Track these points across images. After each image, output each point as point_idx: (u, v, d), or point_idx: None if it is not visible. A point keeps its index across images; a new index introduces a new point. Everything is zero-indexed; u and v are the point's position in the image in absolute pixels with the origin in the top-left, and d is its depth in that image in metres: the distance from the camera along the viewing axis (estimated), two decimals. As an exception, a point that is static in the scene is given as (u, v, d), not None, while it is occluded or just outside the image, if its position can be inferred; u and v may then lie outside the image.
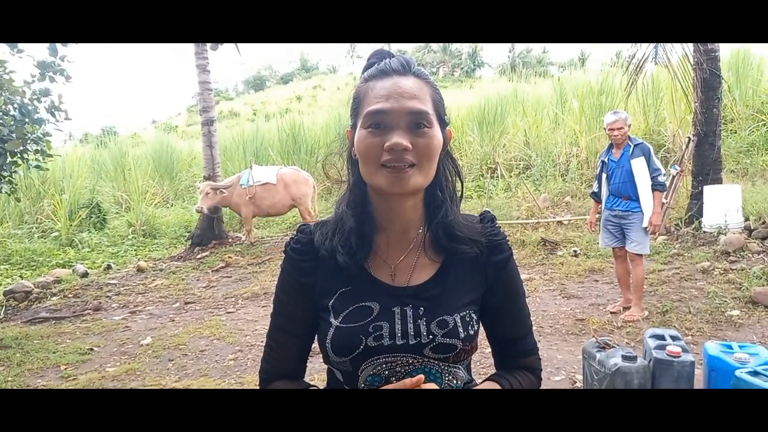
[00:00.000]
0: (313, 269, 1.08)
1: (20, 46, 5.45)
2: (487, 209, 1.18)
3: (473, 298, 1.07)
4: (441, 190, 1.06)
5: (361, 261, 1.04)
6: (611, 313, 5.02)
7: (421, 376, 0.95)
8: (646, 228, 4.70)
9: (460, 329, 1.02)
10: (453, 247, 1.05)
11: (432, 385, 0.96)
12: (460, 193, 1.12)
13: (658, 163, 4.77)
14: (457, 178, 1.11)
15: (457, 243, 1.05)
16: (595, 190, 5.18)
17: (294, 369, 1.14)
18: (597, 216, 5.28)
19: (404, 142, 0.94)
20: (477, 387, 1.10)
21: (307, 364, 1.19)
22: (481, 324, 1.12)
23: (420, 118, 0.96)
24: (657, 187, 4.70)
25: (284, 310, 1.12)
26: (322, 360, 1.10)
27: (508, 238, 1.14)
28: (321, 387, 1.15)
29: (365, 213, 1.06)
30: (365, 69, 1.06)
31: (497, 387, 1.07)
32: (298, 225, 1.17)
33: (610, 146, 4.95)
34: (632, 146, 4.76)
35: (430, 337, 1.01)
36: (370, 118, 0.97)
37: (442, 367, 1.03)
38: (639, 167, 4.71)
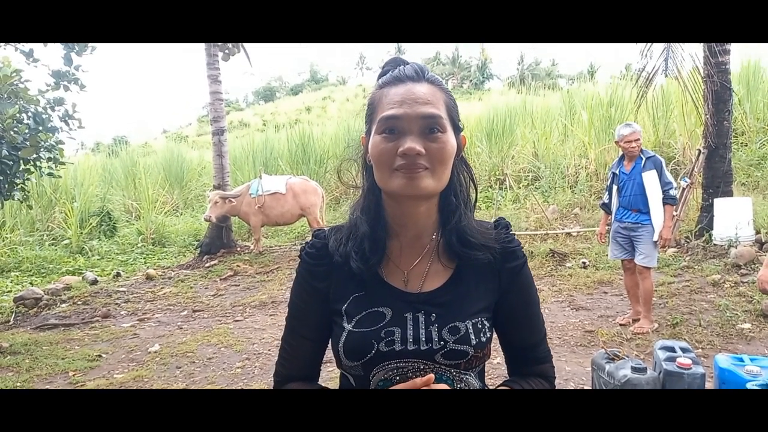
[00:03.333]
0: (326, 274, 1.09)
1: (36, 54, 5.54)
2: (501, 216, 1.18)
3: (486, 305, 1.07)
4: (455, 196, 1.06)
5: (374, 267, 1.05)
6: (620, 325, 4.98)
7: (431, 376, 0.95)
8: (655, 241, 4.66)
9: (472, 336, 1.02)
10: (466, 252, 1.05)
11: (443, 386, 0.96)
12: (474, 199, 1.12)
13: (669, 177, 4.73)
14: (471, 184, 1.11)
15: (470, 249, 1.05)
16: (606, 201, 5.14)
17: (307, 372, 1.15)
18: (607, 228, 5.24)
19: (417, 147, 0.94)
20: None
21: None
22: (494, 331, 1.11)
23: (433, 123, 0.97)
24: (668, 200, 4.66)
25: (298, 314, 1.13)
26: (333, 367, 1.10)
27: (522, 245, 1.14)
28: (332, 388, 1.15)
29: (379, 218, 1.07)
30: (380, 76, 1.07)
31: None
32: (306, 234, 1.18)
33: (622, 158, 4.92)
34: (644, 159, 4.72)
35: (442, 343, 1.01)
36: (384, 124, 0.98)
37: (454, 373, 1.03)
38: (650, 180, 4.68)
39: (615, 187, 4.94)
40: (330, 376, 3.40)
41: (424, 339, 1.01)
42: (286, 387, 1.13)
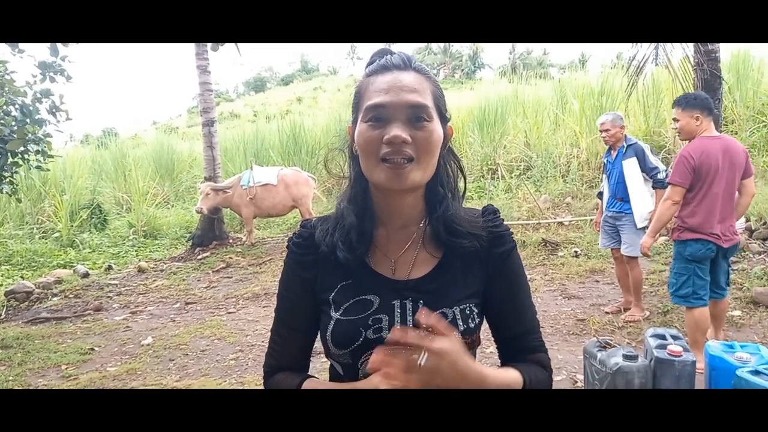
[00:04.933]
0: (314, 263, 1.09)
1: (21, 46, 5.47)
2: (490, 203, 1.17)
3: (474, 291, 1.06)
4: (442, 186, 1.06)
5: (361, 256, 1.05)
6: (606, 313, 5.02)
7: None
8: (640, 229, 4.69)
9: (460, 322, 1.02)
10: (452, 241, 1.05)
11: (442, 323, 0.88)
12: (463, 189, 1.11)
13: (654, 161, 4.73)
14: (460, 174, 1.11)
15: (457, 237, 1.05)
16: (602, 189, 5.19)
17: (296, 363, 1.14)
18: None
19: (403, 135, 0.94)
20: (495, 369, 1.03)
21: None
22: (483, 318, 1.10)
23: (420, 111, 0.97)
24: (657, 184, 4.66)
25: (286, 305, 1.13)
26: (322, 359, 1.09)
27: (511, 230, 1.12)
28: (321, 378, 1.14)
29: (365, 208, 1.07)
30: (368, 66, 1.06)
31: (515, 373, 1.01)
32: (297, 226, 1.17)
33: (611, 146, 4.96)
34: (625, 147, 4.77)
35: (429, 329, 1.00)
36: (370, 112, 0.97)
37: None
38: (630, 168, 4.71)
39: (605, 176, 5.00)
40: (324, 366, 3.40)
41: (411, 326, 1.00)
42: (274, 377, 1.12)
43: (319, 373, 3.56)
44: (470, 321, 1.04)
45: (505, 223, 1.13)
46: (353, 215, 1.06)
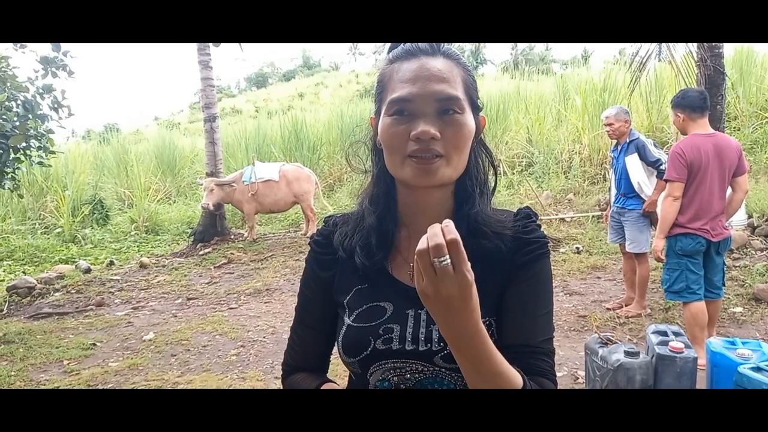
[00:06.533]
0: (332, 263, 1.04)
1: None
2: (527, 206, 1.05)
3: (492, 304, 0.94)
4: (471, 181, 0.97)
5: (380, 261, 0.99)
6: (608, 309, 5.02)
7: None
8: (643, 225, 4.69)
9: None
10: (472, 242, 0.91)
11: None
12: (493, 184, 1.04)
13: (657, 153, 4.68)
14: (491, 168, 1.03)
15: (478, 238, 0.94)
16: (610, 183, 5.18)
17: (314, 363, 1.10)
18: None
19: (432, 130, 0.86)
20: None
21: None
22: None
23: (449, 103, 0.89)
24: (660, 175, 4.63)
25: (305, 304, 1.08)
26: (333, 357, 1.07)
27: (546, 238, 0.99)
28: (340, 382, 1.12)
29: (387, 209, 1.00)
30: (390, 50, 0.99)
31: (517, 373, 0.84)
32: (300, 222, 1.14)
33: (617, 141, 4.94)
34: (628, 143, 4.75)
35: (441, 344, 0.91)
36: (395, 104, 0.90)
37: (456, 378, 0.93)
38: (632, 164, 4.69)
39: (611, 170, 4.99)
40: (333, 367, 3.41)
41: (423, 339, 0.93)
42: (291, 377, 1.09)
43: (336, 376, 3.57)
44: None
45: (539, 225, 1.01)
46: (374, 217, 0.99)
